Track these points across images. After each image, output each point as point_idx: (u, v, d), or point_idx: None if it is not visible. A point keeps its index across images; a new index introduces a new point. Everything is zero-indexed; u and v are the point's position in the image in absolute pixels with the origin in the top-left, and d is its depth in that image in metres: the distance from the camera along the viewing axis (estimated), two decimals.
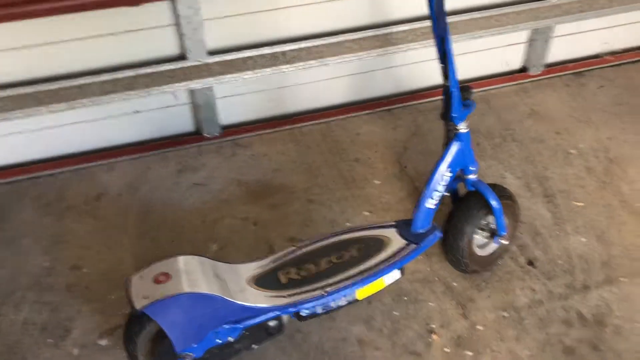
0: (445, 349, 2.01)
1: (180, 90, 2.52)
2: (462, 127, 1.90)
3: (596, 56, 3.37)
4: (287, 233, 2.42)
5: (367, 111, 3.05)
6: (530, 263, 2.29)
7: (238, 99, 2.82)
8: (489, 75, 3.21)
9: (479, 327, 2.08)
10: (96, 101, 2.41)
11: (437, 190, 1.98)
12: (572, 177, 2.67)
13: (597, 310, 2.12)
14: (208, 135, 2.83)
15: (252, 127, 2.91)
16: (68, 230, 2.45)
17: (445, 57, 1.79)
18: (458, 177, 2.05)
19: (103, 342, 2.05)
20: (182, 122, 2.81)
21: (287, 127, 2.95)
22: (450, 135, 1.94)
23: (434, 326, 2.08)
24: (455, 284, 2.22)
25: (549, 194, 2.58)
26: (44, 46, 2.40)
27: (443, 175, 1.95)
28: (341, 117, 3.01)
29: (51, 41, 2.39)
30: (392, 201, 2.56)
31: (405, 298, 2.17)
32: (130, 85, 2.45)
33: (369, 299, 2.14)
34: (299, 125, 2.96)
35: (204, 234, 2.43)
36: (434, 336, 2.05)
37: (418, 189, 2.62)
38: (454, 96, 1.83)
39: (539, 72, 3.24)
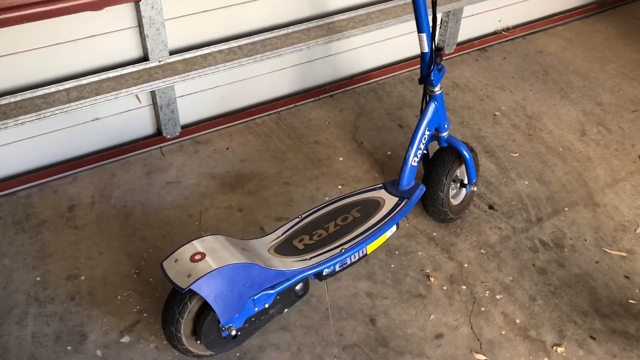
0: (444, 288, 2.27)
1: (146, 91, 2.56)
2: (438, 89, 2.17)
3: (494, 33, 3.85)
4: (273, 214, 2.55)
5: (312, 99, 3.25)
6: (491, 207, 2.62)
7: (194, 97, 2.90)
8: (412, 57, 3.55)
9: (465, 265, 2.36)
10: (65, 109, 2.38)
11: (419, 149, 2.23)
12: (502, 134, 3.07)
13: (554, 235, 2.50)
14: (168, 137, 2.88)
15: (209, 124, 2.99)
16: (49, 243, 2.39)
17: (426, 27, 2.03)
18: (433, 136, 2.32)
19: (125, 339, 2.06)
20: (142, 125, 2.83)
21: (241, 120, 3.07)
22: (427, 98, 2.20)
23: (428, 271, 2.34)
24: (435, 233, 2.49)
25: (489, 149, 2.95)
26: (1, 58, 2.33)
27: (424, 133, 2.21)
28: (290, 106, 3.19)
29: (11, 52, 2.33)
30: (359, 173, 2.79)
31: (397, 252, 2.41)
32: (96, 90, 2.45)
33: (366, 258, 2.35)
34: (252, 117, 3.10)
35: (193, 226, 2.49)
36: (432, 279, 2.30)
37: (378, 160, 2.87)
38: (432, 62, 2.09)
39: (452, 51, 3.65)
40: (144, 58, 2.60)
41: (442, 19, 3.51)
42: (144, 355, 2.01)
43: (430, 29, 2.07)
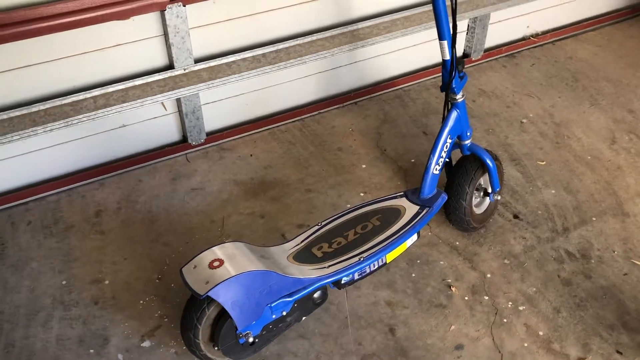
0: (465, 298, 2.24)
1: (171, 98, 2.60)
2: (460, 97, 2.15)
3: (523, 39, 3.80)
4: (295, 221, 2.56)
5: (336, 106, 3.25)
6: (516, 216, 2.58)
7: (219, 104, 2.93)
8: (437, 63, 3.52)
9: (488, 275, 2.32)
10: (91, 116, 2.43)
11: (441, 157, 2.21)
12: (529, 141, 3.01)
13: (580, 246, 2.44)
14: (193, 143, 2.91)
15: (233, 131, 3.02)
16: (76, 248, 2.45)
17: (447, 34, 2.02)
18: (455, 144, 2.29)
19: (146, 343, 2.09)
20: (168, 132, 2.87)
21: (266, 127, 3.09)
22: (449, 106, 2.17)
23: (449, 281, 2.31)
24: (457, 243, 2.46)
25: (515, 157, 2.90)
26: (31, 67, 2.40)
27: (445, 141, 2.19)
28: (314, 113, 3.20)
29: (40, 61, 2.39)
30: (382, 181, 2.77)
31: (418, 261, 2.38)
32: (122, 98, 2.50)
33: (387, 266, 2.33)
34: (276, 124, 3.11)
35: (216, 232, 2.52)
36: (453, 289, 2.27)
37: (402, 168, 2.85)
38: (453, 69, 2.07)
39: (480, 57, 3.61)
40: (170, 66, 2.65)
41: (468, 25, 3.47)
42: None
43: (451, 36, 2.05)
